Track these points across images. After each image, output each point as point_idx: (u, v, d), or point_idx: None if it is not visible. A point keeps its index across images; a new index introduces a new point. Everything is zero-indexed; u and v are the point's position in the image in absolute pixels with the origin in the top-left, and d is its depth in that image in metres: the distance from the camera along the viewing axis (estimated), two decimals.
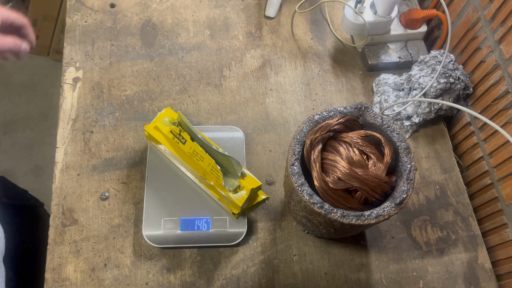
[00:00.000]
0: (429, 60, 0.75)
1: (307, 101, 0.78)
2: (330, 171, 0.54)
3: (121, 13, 0.85)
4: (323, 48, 0.84)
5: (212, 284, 0.63)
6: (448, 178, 0.74)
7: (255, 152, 0.73)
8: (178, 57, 0.81)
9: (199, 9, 0.87)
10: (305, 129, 0.56)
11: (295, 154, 0.55)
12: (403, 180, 0.54)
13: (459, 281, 0.66)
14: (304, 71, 0.81)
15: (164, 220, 0.63)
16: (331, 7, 0.89)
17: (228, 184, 0.61)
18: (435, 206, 0.71)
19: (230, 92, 0.78)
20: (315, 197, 0.52)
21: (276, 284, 0.64)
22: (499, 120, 0.68)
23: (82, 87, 0.77)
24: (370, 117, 0.58)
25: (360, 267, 0.66)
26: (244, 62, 0.82)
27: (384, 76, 0.78)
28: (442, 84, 0.72)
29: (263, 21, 0.86)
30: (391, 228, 0.69)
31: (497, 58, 0.67)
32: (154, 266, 0.64)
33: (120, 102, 0.76)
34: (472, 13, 0.72)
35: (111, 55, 0.80)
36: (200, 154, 0.62)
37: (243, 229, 0.64)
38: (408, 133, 0.76)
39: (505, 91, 0.66)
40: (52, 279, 0.62)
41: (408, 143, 0.56)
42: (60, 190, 0.68)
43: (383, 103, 0.76)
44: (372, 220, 0.51)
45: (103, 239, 0.65)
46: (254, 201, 0.64)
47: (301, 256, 0.66)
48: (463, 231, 0.70)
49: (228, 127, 0.72)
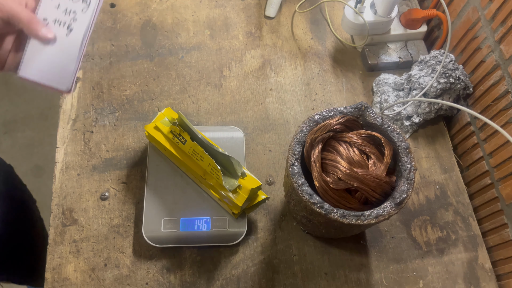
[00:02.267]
0: (429, 60, 0.75)
1: (307, 101, 0.78)
2: (330, 171, 0.54)
3: (121, 13, 0.85)
4: (323, 48, 0.84)
5: (212, 284, 0.63)
6: (448, 178, 0.74)
7: (255, 152, 0.73)
8: (178, 57, 0.81)
9: (199, 9, 0.86)
10: (305, 129, 0.56)
11: (295, 154, 0.55)
12: (403, 180, 0.54)
13: (459, 281, 0.66)
14: (304, 71, 0.81)
15: (164, 220, 0.63)
16: (331, 7, 0.89)
17: (228, 184, 0.61)
18: (435, 206, 0.71)
19: (230, 92, 0.78)
20: (315, 197, 0.52)
21: (276, 284, 0.64)
22: (499, 120, 0.68)
23: (82, 87, 0.77)
24: (370, 117, 0.58)
25: (360, 267, 0.66)
26: (244, 62, 0.82)
27: (384, 76, 0.78)
28: (442, 84, 0.72)
29: (263, 21, 0.86)
30: (391, 228, 0.69)
31: (497, 58, 0.67)
32: (154, 266, 0.64)
33: (120, 102, 0.76)
34: (472, 13, 0.72)
35: (111, 55, 0.80)
36: (200, 154, 0.62)
37: (243, 229, 0.64)
38: (408, 133, 0.76)
39: (505, 91, 0.66)
40: (52, 279, 0.62)
41: (408, 143, 0.56)
42: (60, 190, 0.68)
43: (383, 103, 0.76)
44: (372, 220, 0.51)
45: (103, 239, 0.65)
46: (254, 201, 0.64)
47: (301, 256, 0.66)
48: (463, 231, 0.70)
49: (228, 127, 0.72)
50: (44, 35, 0.49)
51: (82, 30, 0.51)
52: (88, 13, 0.52)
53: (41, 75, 0.51)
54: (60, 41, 0.51)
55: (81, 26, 0.52)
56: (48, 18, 0.51)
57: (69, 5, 0.52)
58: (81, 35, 0.51)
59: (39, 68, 0.51)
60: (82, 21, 0.52)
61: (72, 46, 0.51)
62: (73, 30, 0.51)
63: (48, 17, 0.51)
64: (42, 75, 0.51)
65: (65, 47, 0.51)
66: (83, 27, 0.52)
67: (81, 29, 0.52)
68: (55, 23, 0.52)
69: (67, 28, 0.51)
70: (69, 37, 0.51)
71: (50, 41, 0.51)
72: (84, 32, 0.51)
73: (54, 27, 0.51)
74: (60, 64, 0.51)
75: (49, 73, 0.51)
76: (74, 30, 0.51)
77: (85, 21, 0.51)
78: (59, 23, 0.52)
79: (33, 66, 0.51)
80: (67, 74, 0.51)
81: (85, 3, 0.52)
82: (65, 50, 0.51)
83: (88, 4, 0.52)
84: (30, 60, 0.51)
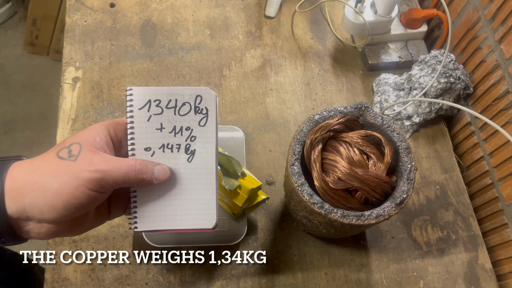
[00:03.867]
0: (429, 59, 0.75)
1: (307, 101, 0.78)
2: (330, 171, 0.54)
3: (121, 13, 0.84)
4: (323, 47, 0.84)
5: (212, 284, 0.63)
6: (449, 178, 0.73)
7: (255, 152, 0.73)
8: (178, 57, 0.81)
9: (199, 9, 0.86)
10: (305, 129, 0.56)
11: (295, 154, 0.55)
12: (404, 180, 0.54)
13: (459, 281, 0.66)
14: (304, 70, 0.81)
15: None
16: (331, 6, 0.89)
17: (228, 184, 0.61)
18: (435, 206, 0.71)
19: (230, 92, 0.78)
20: (315, 197, 0.52)
21: (276, 284, 0.64)
22: (500, 120, 0.68)
23: (82, 87, 0.76)
24: (370, 117, 0.58)
25: (360, 267, 0.66)
26: (244, 62, 0.82)
27: (385, 76, 0.78)
28: (443, 84, 0.72)
29: (263, 21, 0.86)
30: (391, 228, 0.69)
31: (498, 58, 0.67)
32: (154, 266, 0.64)
33: (120, 102, 0.76)
34: (472, 12, 0.72)
35: (111, 55, 0.80)
36: None
37: (243, 229, 0.64)
38: (408, 133, 0.76)
39: (506, 91, 0.65)
40: (52, 279, 0.62)
41: (408, 143, 0.56)
42: None
43: (383, 103, 0.76)
44: (372, 220, 0.51)
45: (103, 239, 0.65)
46: (254, 201, 0.63)
47: (301, 256, 0.66)
48: (464, 231, 0.70)
49: (228, 127, 0.72)
50: (159, 177, 0.38)
51: (210, 149, 0.39)
52: (209, 124, 0.38)
53: (165, 222, 0.39)
54: (183, 173, 0.39)
55: (207, 144, 0.39)
56: (152, 146, 0.39)
57: (178, 122, 0.38)
58: (212, 155, 0.39)
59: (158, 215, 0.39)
60: (206, 137, 0.39)
61: (204, 173, 0.39)
62: (196, 153, 0.39)
63: (151, 144, 0.39)
64: (166, 221, 0.39)
65: (193, 177, 0.39)
66: (210, 144, 0.39)
67: (208, 148, 0.39)
68: (164, 149, 0.39)
69: (186, 152, 0.39)
70: (194, 163, 0.39)
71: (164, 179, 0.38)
72: (214, 149, 0.39)
73: (167, 156, 0.38)
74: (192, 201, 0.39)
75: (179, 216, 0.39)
76: (198, 151, 0.39)
77: (209, 135, 0.39)
78: (171, 149, 0.39)
79: (150, 217, 0.39)
80: (207, 209, 0.39)
81: (201, 113, 0.38)
82: (195, 180, 0.39)
83: (205, 114, 0.38)
84: (144, 212, 0.39)
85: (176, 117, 0.38)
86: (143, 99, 0.38)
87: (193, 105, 0.38)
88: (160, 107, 0.38)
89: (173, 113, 0.38)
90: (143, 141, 0.38)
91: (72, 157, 0.36)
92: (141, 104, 0.38)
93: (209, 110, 0.38)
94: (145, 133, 0.38)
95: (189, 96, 0.38)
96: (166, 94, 0.38)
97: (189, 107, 0.38)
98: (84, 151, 0.37)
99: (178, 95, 0.38)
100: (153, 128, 0.38)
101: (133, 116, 0.38)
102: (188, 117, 0.38)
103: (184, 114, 0.38)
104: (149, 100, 0.38)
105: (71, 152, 0.37)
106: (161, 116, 0.38)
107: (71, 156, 0.36)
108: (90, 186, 0.36)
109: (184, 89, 0.39)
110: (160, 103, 0.38)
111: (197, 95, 0.38)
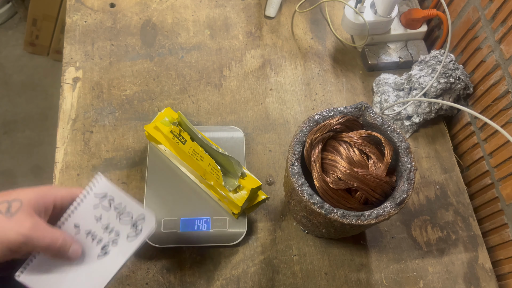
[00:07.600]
0: (429, 60, 0.75)
1: (307, 101, 0.78)
2: (330, 171, 0.54)
3: (121, 13, 0.84)
4: (323, 48, 0.84)
5: (212, 284, 0.63)
6: (448, 178, 0.74)
7: (255, 152, 0.73)
8: (178, 57, 0.81)
9: (199, 9, 0.86)
10: (305, 129, 0.56)
11: (295, 154, 0.55)
12: (403, 180, 0.54)
13: (459, 281, 0.66)
14: (304, 71, 0.81)
15: (164, 220, 0.63)
16: (331, 7, 0.89)
17: (228, 184, 0.61)
18: (435, 206, 0.71)
19: (230, 92, 0.78)
20: (315, 197, 0.52)
21: (276, 284, 0.64)
22: (500, 120, 0.68)
23: (82, 87, 0.76)
24: (370, 117, 0.58)
25: (360, 267, 0.66)
26: (244, 62, 0.82)
27: (384, 76, 0.78)
28: (442, 84, 0.72)
29: (263, 21, 0.86)
30: (391, 228, 0.69)
31: (498, 58, 0.67)
32: (154, 266, 0.64)
33: (120, 102, 0.76)
34: (472, 13, 0.72)
35: (111, 55, 0.80)
36: (200, 154, 0.62)
37: (243, 229, 0.64)
38: (408, 133, 0.76)
39: (506, 91, 0.65)
40: None
41: (408, 143, 0.56)
42: None
43: (383, 103, 0.76)
44: (372, 220, 0.51)
45: None
46: (254, 201, 0.63)
47: (301, 256, 0.66)
48: (463, 231, 0.70)
49: (228, 127, 0.72)
50: (70, 256, 0.40)
51: (118, 262, 0.40)
52: (133, 243, 0.41)
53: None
54: (86, 262, 0.40)
55: (120, 256, 0.40)
56: (81, 227, 0.41)
57: (114, 223, 0.41)
58: (116, 267, 0.40)
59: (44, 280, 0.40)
60: (123, 250, 0.41)
61: (100, 275, 0.40)
62: (107, 255, 0.41)
63: (82, 225, 0.41)
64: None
65: (90, 271, 0.40)
66: (122, 258, 0.40)
67: (117, 260, 0.41)
68: (88, 235, 0.41)
69: (102, 248, 0.41)
70: (100, 262, 0.40)
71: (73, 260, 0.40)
72: (121, 264, 0.41)
73: (85, 241, 0.41)
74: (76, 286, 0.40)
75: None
76: (110, 256, 0.41)
77: (127, 251, 0.41)
78: (93, 238, 0.41)
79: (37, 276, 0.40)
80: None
81: (134, 230, 0.41)
82: (89, 274, 0.40)
83: (137, 233, 0.41)
84: (36, 269, 0.40)
85: (115, 220, 0.42)
86: (103, 190, 0.42)
87: (134, 219, 0.42)
88: (109, 204, 0.42)
89: (116, 215, 0.42)
90: (78, 219, 0.42)
91: (8, 214, 0.40)
92: (99, 192, 0.42)
93: (142, 233, 0.42)
94: (84, 214, 0.42)
95: (136, 211, 0.42)
96: (121, 198, 0.42)
97: (130, 220, 0.42)
98: (21, 211, 0.40)
99: (129, 205, 0.42)
100: (93, 215, 0.42)
101: (86, 197, 0.42)
102: (124, 226, 0.42)
103: (123, 222, 0.42)
104: (106, 194, 0.42)
105: (10, 208, 0.40)
106: (106, 211, 0.42)
107: (7, 213, 0.40)
108: (11, 246, 0.39)
109: (136, 205, 0.43)
110: (113, 202, 0.42)
111: (143, 215, 0.42)
